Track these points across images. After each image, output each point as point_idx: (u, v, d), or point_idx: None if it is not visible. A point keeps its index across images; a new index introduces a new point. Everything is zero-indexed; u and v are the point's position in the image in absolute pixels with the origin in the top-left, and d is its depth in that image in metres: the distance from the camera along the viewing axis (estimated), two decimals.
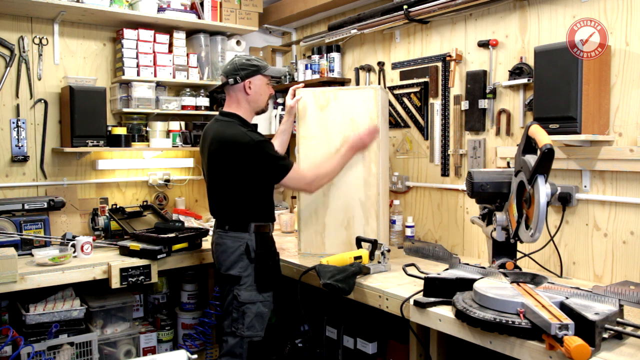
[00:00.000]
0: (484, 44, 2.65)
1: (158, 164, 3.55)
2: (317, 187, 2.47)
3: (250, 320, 2.34)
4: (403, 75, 3.12)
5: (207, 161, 2.43)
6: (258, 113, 2.51)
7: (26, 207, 2.84)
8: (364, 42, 3.37)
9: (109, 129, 3.17)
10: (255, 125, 2.57)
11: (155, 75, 3.31)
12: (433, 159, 2.97)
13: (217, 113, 3.52)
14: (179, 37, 3.44)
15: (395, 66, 3.17)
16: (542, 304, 1.59)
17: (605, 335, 1.54)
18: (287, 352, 2.94)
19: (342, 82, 3.46)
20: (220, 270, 2.42)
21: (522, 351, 1.58)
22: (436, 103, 2.94)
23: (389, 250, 2.49)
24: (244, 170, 2.31)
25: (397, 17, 2.92)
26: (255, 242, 2.37)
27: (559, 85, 2.12)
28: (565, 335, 1.41)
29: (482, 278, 1.92)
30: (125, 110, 3.25)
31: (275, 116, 3.90)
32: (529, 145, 1.85)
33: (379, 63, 3.25)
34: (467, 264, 2.09)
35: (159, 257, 2.69)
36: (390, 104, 3.13)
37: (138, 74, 3.26)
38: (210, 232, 2.63)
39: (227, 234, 2.40)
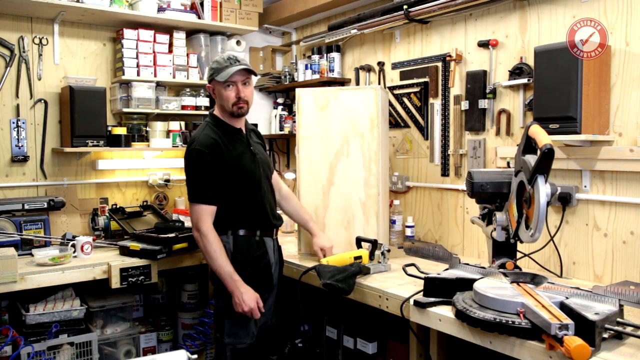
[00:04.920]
0: (484, 44, 2.65)
1: (158, 164, 3.55)
2: (196, 240, 2.21)
3: (231, 328, 2.25)
4: (403, 75, 3.12)
5: None
6: (235, 116, 2.31)
7: (26, 207, 2.83)
8: (364, 42, 3.37)
9: (109, 129, 3.16)
10: (239, 130, 2.37)
11: (155, 75, 3.31)
12: (433, 159, 2.97)
13: None
14: (179, 37, 3.44)
15: (395, 66, 3.17)
16: (542, 304, 1.59)
17: (605, 335, 1.54)
18: (287, 352, 2.94)
19: (342, 82, 3.46)
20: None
21: (522, 351, 1.58)
22: (436, 103, 2.94)
23: (389, 250, 2.50)
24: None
25: (397, 17, 2.92)
26: (233, 246, 2.25)
27: (559, 85, 2.12)
28: (565, 335, 1.41)
29: (482, 278, 1.92)
30: (125, 110, 3.25)
31: (275, 116, 3.90)
32: (529, 145, 1.85)
33: (379, 63, 3.25)
34: (467, 264, 2.09)
35: (159, 257, 2.68)
36: (390, 104, 3.12)
37: (138, 74, 3.25)
38: None
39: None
